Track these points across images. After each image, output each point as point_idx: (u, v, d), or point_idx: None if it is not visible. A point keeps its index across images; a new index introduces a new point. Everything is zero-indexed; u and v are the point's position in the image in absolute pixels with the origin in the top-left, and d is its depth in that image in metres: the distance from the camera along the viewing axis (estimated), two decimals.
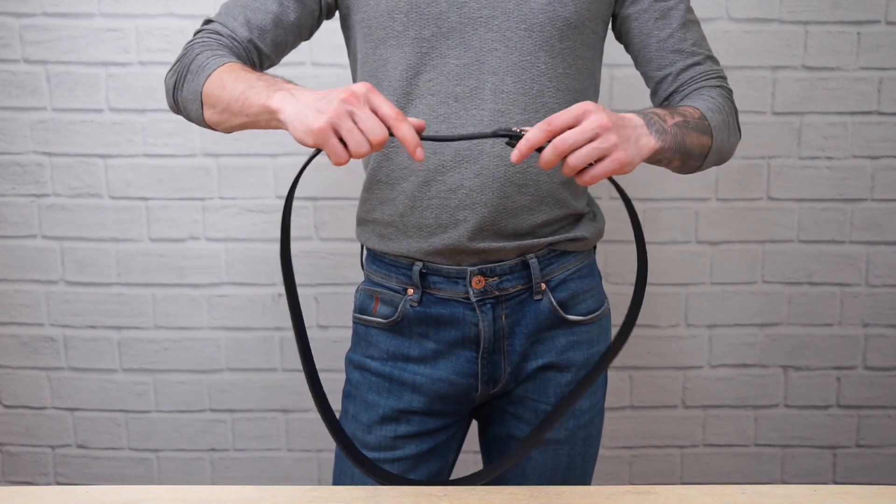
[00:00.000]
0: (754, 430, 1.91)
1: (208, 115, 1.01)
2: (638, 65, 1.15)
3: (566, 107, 1.09)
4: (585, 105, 0.88)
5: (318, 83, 1.73)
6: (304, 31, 1.14)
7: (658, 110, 0.99)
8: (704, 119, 1.03)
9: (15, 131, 1.77)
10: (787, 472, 1.93)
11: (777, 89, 1.77)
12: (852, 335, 1.87)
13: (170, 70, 1.07)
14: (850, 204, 1.81)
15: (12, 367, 1.87)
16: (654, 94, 1.15)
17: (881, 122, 1.78)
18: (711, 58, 1.13)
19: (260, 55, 1.10)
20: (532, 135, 0.87)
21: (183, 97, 1.04)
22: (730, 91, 1.12)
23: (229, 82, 0.96)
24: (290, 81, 0.95)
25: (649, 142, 0.94)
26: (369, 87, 0.86)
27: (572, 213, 1.14)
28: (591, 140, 0.87)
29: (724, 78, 1.13)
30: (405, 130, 0.85)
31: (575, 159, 0.87)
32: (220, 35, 1.07)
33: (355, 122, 0.84)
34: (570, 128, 0.87)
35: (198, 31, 1.09)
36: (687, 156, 1.01)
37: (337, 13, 1.17)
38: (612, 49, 1.21)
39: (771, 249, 1.83)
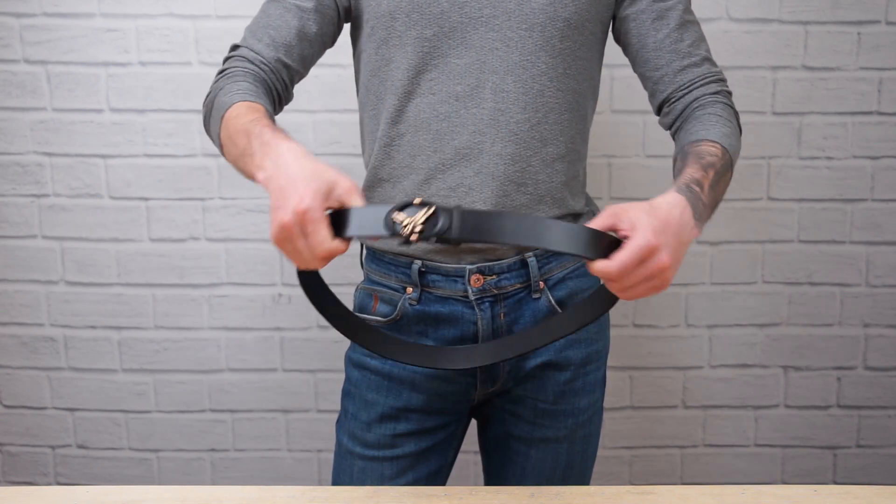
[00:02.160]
0: (754, 430, 1.91)
1: (230, 160, 1.00)
2: (635, 66, 1.15)
3: (566, 107, 1.10)
4: (651, 241, 0.85)
5: (318, 83, 1.73)
6: (328, 39, 1.14)
7: (697, 178, 0.97)
8: (727, 153, 1.03)
9: (15, 131, 1.77)
10: (787, 473, 1.93)
11: (777, 89, 1.77)
12: (852, 335, 1.86)
13: (205, 99, 1.07)
14: (850, 204, 1.81)
15: (12, 367, 1.87)
16: (651, 96, 1.14)
17: (881, 122, 1.78)
18: (709, 59, 1.12)
19: (289, 71, 1.10)
20: (604, 272, 0.85)
21: (211, 135, 1.05)
22: (729, 94, 1.12)
23: (234, 135, 0.95)
24: (277, 133, 0.91)
25: (692, 237, 0.93)
26: (303, 216, 0.82)
27: (571, 212, 1.14)
28: (650, 278, 0.86)
29: (723, 81, 1.12)
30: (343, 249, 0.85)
31: (628, 297, 0.88)
32: (247, 60, 1.07)
33: (294, 247, 0.84)
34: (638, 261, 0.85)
35: (226, 59, 1.10)
36: (715, 207, 1.02)
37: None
38: (613, 49, 1.21)
39: (771, 249, 1.83)
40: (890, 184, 1.80)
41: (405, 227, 0.83)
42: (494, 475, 1.24)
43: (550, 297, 1.13)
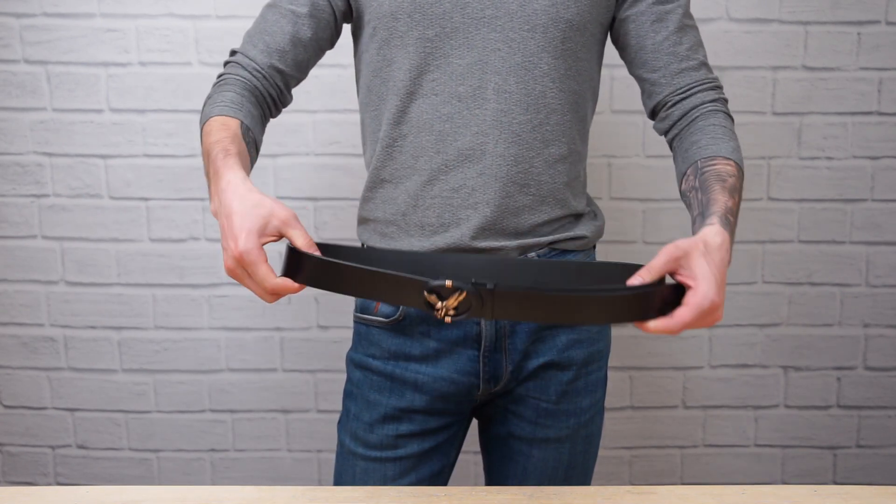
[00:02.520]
0: (754, 430, 1.91)
1: None
2: (632, 67, 1.14)
3: (568, 108, 1.10)
4: (715, 300, 0.85)
5: (318, 83, 1.73)
6: (324, 43, 1.15)
7: (730, 206, 0.97)
8: (741, 170, 1.03)
9: (15, 131, 1.77)
10: (787, 473, 1.93)
11: (777, 89, 1.77)
12: (852, 335, 1.87)
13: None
14: (850, 204, 1.81)
15: (12, 367, 1.86)
16: (648, 97, 1.14)
17: (881, 122, 1.78)
18: (706, 65, 1.12)
19: (284, 76, 1.11)
20: (663, 331, 0.85)
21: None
22: (726, 101, 1.12)
23: (204, 154, 0.99)
24: (227, 160, 0.93)
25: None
26: (240, 259, 0.86)
27: (573, 212, 1.14)
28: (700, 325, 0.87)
29: (720, 88, 1.12)
30: (292, 288, 0.88)
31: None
32: (241, 66, 1.09)
33: (246, 283, 0.89)
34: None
35: (224, 63, 1.12)
36: None
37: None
38: (613, 50, 1.21)
39: (771, 249, 1.83)
40: (890, 184, 1.81)
41: (438, 310, 0.83)
42: (496, 475, 1.24)
43: None
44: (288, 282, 0.88)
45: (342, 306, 1.82)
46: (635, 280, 0.85)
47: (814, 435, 1.91)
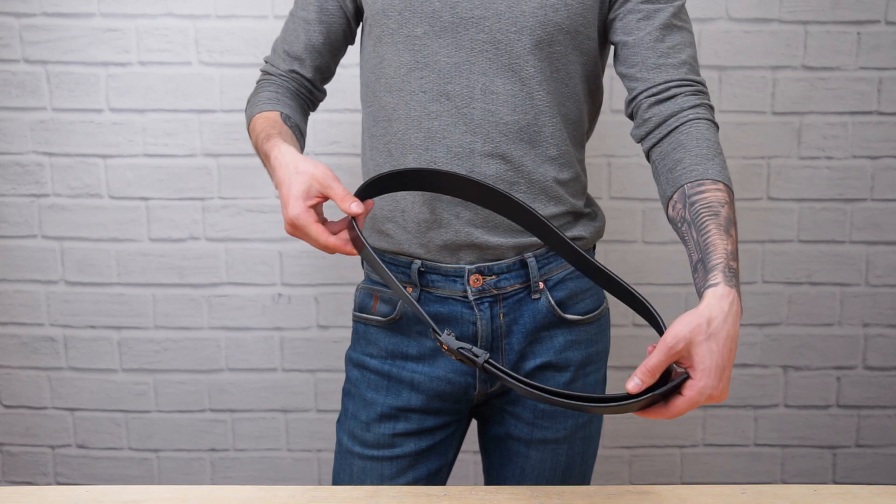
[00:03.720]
0: (754, 430, 1.91)
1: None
2: (617, 64, 1.10)
3: (557, 109, 1.09)
4: (713, 392, 0.84)
5: None
6: (339, 44, 1.21)
7: (731, 250, 0.92)
8: (731, 193, 0.98)
9: (15, 131, 1.77)
10: (787, 472, 1.93)
11: (777, 89, 1.77)
12: (852, 335, 1.86)
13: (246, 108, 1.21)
14: (850, 204, 1.81)
15: (12, 367, 1.87)
16: (628, 95, 1.08)
17: (881, 122, 1.78)
18: (691, 66, 1.05)
19: (306, 80, 1.19)
20: (660, 417, 0.87)
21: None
22: (711, 108, 1.05)
23: (254, 148, 1.12)
24: (275, 142, 1.05)
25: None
26: (293, 224, 0.98)
27: (570, 210, 1.14)
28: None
29: (704, 93, 1.05)
30: (346, 249, 1.00)
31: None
32: (270, 74, 1.20)
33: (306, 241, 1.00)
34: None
35: (261, 70, 1.22)
36: None
37: None
38: (612, 50, 1.21)
39: (771, 249, 1.83)
40: (890, 184, 1.80)
41: (443, 346, 0.90)
42: (494, 475, 1.24)
43: (550, 298, 1.13)
44: (340, 244, 0.99)
45: (342, 306, 1.83)
46: (632, 383, 0.84)
47: (813, 434, 1.91)
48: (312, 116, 1.76)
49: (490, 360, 0.88)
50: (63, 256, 1.82)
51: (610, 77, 1.74)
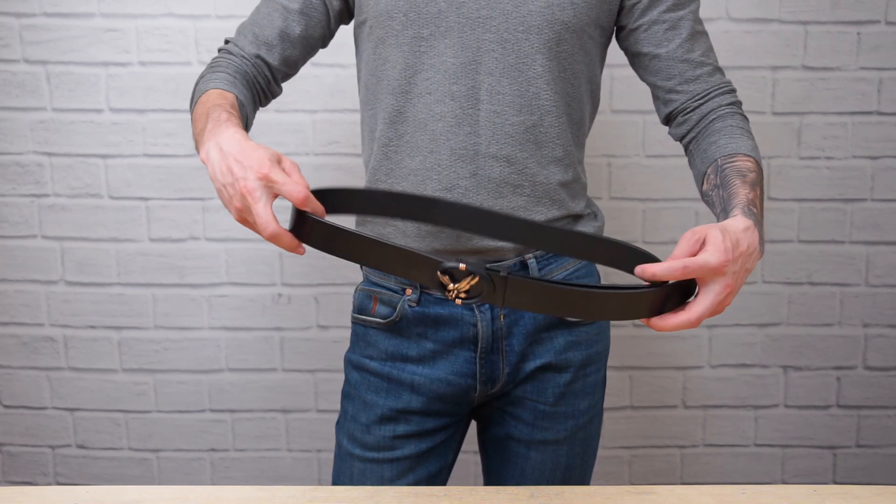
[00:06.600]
0: (754, 430, 1.91)
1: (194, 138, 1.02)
2: (646, 74, 1.14)
3: (563, 110, 1.09)
4: (717, 269, 0.84)
5: (318, 83, 1.73)
6: (315, 42, 1.16)
7: (751, 198, 0.96)
8: (759, 166, 1.04)
9: (15, 131, 1.77)
10: (787, 472, 1.93)
11: (777, 89, 1.77)
12: (852, 335, 1.86)
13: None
14: (850, 204, 1.81)
15: (12, 367, 1.87)
16: (664, 105, 1.13)
17: (881, 122, 1.78)
18: (719, 69, 1.13)
19: (270, 69, 1.13)
20: (679, 327, 0.84)
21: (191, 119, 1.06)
22: (741, 104, 1.12)
23: (198, 117, 0.99)
24: (231, 118, 0.94)
25: (757, 261, 0.92)
26: (271, 173, 0.84)
27: (571, 213, 1.14)
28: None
29: (734, 91, 1.13)
30: (285, 241, 0.84)
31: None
32: (231, 54, 1.12)
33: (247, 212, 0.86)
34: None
35: (218, 50, 1.15)
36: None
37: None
38: (613, 49, 1.21)
39: (771, 249, 1.83)
40: (890, 184, 1.80)
41: (450, 291, 0.83)
42: (494, 476, 1.24)
43: None
44: (291, 238, 0.85)
45: (342, 306, 1.83)
46: (651, 270, 0.83)
47: (813, 435, 1.91)
48: (312, 116, 1.76)
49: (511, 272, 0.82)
50: (63, 256, 1.82)
51: (610, 77, 1.74)
